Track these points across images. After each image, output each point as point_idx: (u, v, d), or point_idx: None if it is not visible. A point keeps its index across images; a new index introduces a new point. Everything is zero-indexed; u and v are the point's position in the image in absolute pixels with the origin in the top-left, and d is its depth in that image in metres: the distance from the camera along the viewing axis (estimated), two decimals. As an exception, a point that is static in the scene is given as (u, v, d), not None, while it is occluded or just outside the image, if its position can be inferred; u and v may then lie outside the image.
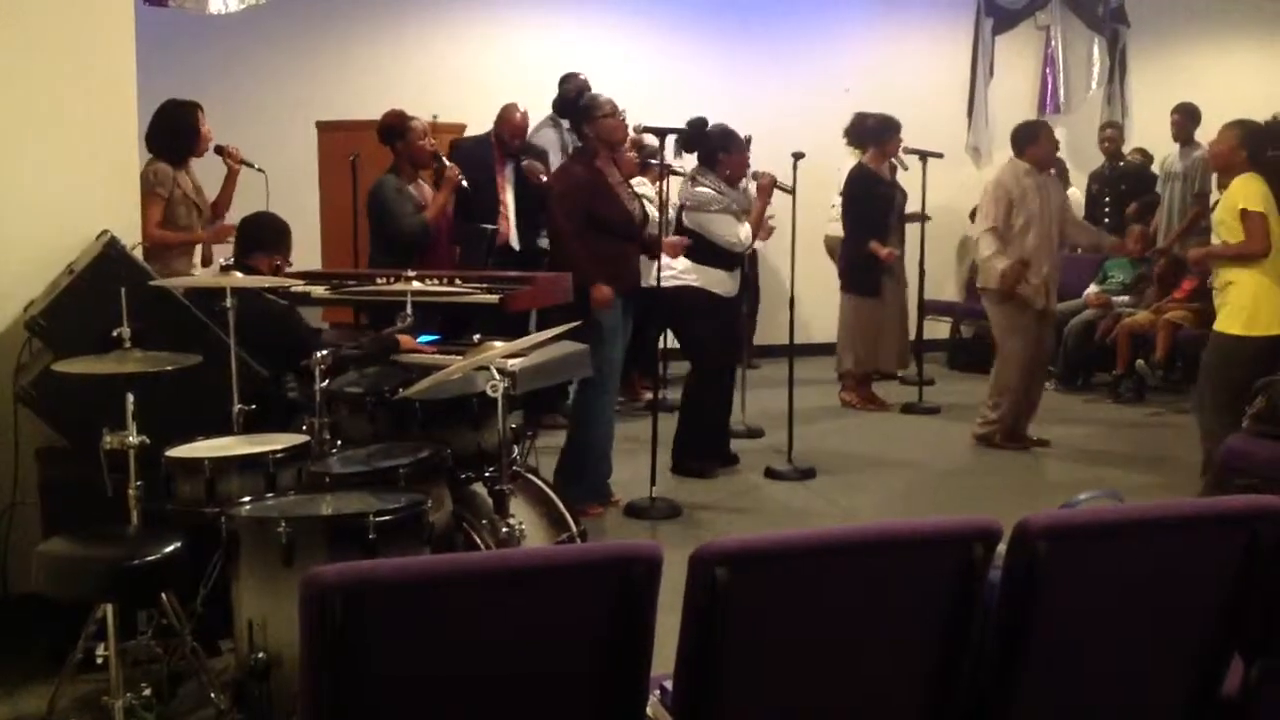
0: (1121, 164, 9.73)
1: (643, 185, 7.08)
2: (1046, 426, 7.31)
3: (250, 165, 5.75)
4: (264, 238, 4.60)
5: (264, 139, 7.14)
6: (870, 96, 8.84)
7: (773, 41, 10.12)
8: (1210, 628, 2.37)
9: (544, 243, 6.83)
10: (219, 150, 5.68)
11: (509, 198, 7.10)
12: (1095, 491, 2.78)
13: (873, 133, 8.04)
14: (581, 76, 7.44)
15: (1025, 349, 6.97)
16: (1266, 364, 5.48)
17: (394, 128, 6.07)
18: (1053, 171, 7.77)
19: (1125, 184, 9.61)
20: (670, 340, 6.88)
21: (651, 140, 6.91)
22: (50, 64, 4.27)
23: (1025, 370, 7.01)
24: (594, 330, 5.29)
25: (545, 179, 6.75)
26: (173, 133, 5.36)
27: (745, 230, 6.29)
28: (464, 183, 6.17)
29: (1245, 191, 5.61)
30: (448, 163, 6.16)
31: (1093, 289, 9.07)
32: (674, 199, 6.88)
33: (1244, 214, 5.53)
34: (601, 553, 2.19)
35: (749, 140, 7.05)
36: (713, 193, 6.29)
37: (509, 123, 7.12)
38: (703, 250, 6.23)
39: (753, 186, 6.68)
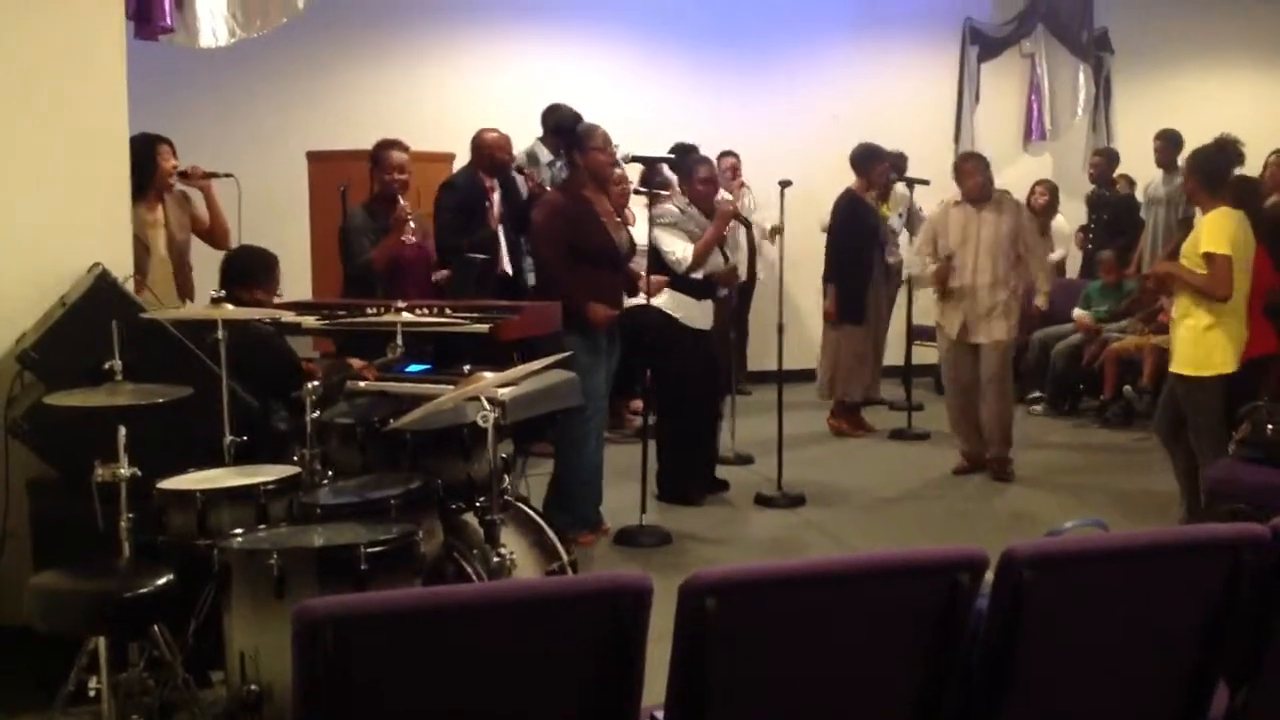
0: (1106, 192, 9.77)
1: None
2: (1033, 451, 7.34)
3: (216, 175, 5.67)
4: (247, 272, 4.60)
5: (254, 169, 7.14)
6: (857, 124, 8.90)
7: (760, 68, 10.18)
8: (1195, 654, 2.39)
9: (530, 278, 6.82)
10: (182, 175, 5.57)
11: (499, 227, 7.05)
12: (1080, 520, 2.80)
13: (859, 160, 8.06)
14: (567, 109, 7.43)
15: (945, 372, 7.27)
16: (1238, 393, 5.48)
17: (373, 156, 6.04)
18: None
19: (1108, 213, 9.66)
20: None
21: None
22: (43, 97, 4.28)
23: (949, 393, 7.23)
24: (573, 359, 5.27)
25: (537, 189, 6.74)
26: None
27: (685, 249, 6.23)
28: (413, 230, 5.90)
29: (1212, 233, 5.40)
30: (403, 201, 5.95)
31: (1079, 312, 9.08)
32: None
33: (1208, 258, 5.37)
34: (590, 584, 2.20)
35: (734, 165, 6.95)
36: (672, 208, 6.35)
37: (484, 142, 6.95)
38: (672, 274, 6.25)
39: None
